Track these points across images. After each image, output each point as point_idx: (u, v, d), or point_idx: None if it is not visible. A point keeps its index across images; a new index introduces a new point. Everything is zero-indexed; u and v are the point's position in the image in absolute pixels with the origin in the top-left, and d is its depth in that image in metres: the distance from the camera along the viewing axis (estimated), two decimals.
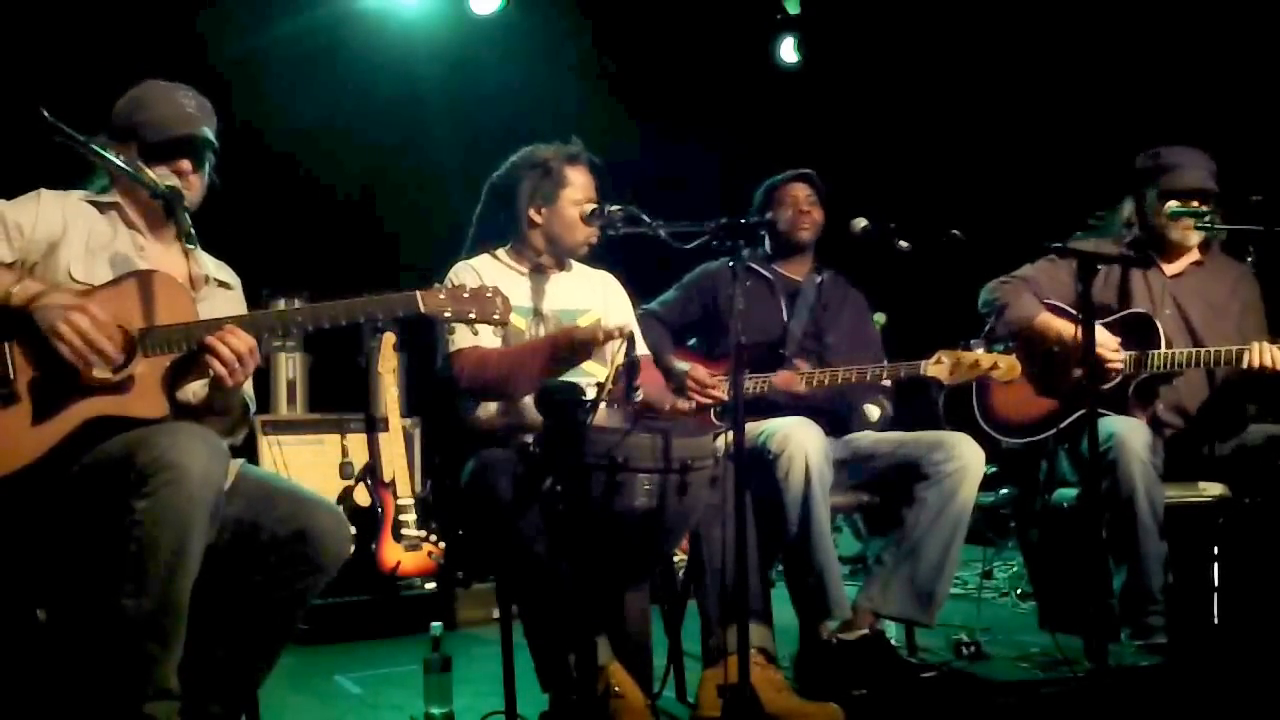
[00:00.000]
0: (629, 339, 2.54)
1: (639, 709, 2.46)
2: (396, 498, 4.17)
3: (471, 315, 2.37)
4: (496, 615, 2.88)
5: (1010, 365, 3.05)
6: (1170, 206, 3.31)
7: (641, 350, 2.86)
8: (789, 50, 6.02)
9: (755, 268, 3.46)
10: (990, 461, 3.16)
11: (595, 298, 3.06)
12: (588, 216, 2.86)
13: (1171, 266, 3.43)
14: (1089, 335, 2.61)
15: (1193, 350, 3.19)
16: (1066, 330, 3.30)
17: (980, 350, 3.19)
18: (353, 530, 2.47)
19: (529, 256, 2.96)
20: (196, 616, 2.03)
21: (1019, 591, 4.44)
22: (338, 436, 4.57)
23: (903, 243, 2.85)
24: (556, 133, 2.97)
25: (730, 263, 2.41)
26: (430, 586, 4.16)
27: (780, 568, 3.19)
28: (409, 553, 4.11)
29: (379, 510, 4.15)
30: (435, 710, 2.71)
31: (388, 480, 4.20)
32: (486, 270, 2.88)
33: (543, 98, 5.07)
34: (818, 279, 3.51)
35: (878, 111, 5.85)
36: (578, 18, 5.47)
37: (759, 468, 2.96)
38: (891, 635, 3.19)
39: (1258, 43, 4.72)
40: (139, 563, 1.94)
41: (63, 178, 2.35)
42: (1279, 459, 3.10)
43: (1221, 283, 3.42)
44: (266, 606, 2.22)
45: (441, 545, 4.13)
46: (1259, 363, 3.06)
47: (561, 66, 5.34)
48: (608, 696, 2.45)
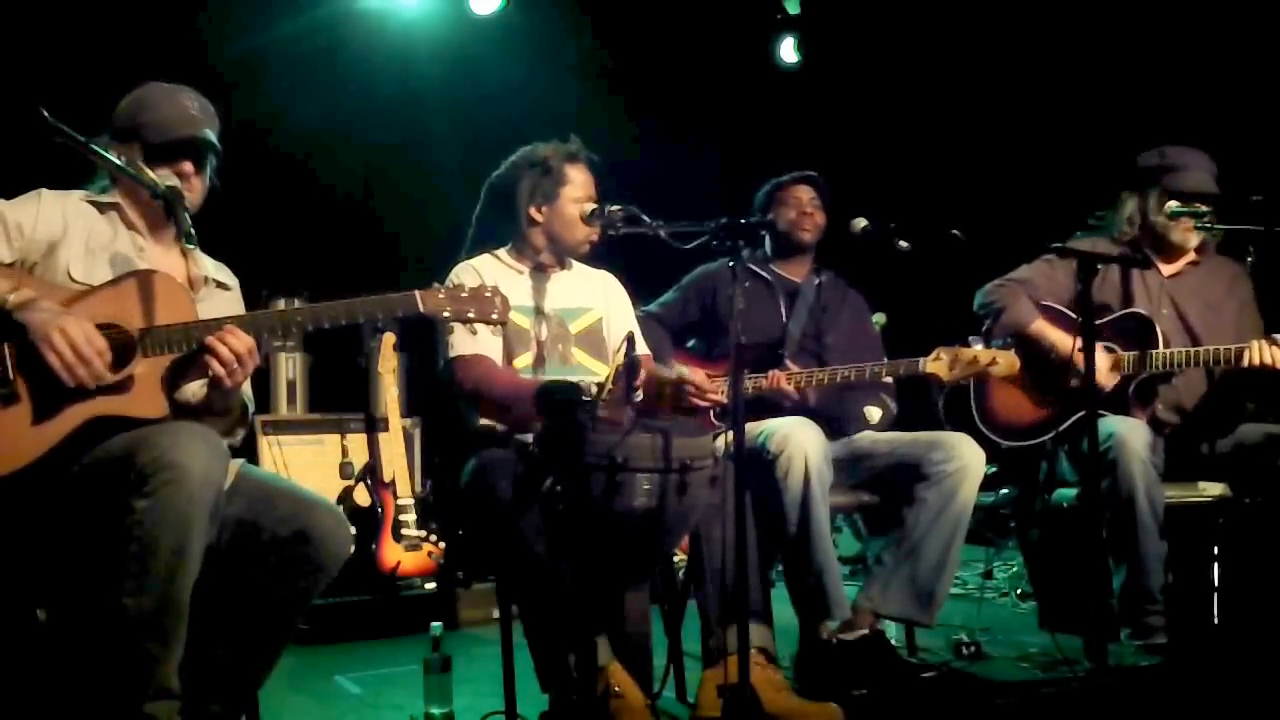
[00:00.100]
0: (629, 339, 2.54)
1: (639, 709, 2.46)
2: (396, 498, 4.17)
3: (470, 315, 2.37)
4: (496, 615, 2.88)
5: (1009, 361, 3.05)
6: (1171, 206, 3.31)
7: (642, 349, 2.86)
8: (789, 50, 6.02)
9: (754, 269, 3.46)
10: (990, 461, 3.16)
11: (596, 297, 3.06)
12: (588, 216, 2.87)
13: (1168, 267, 3.43)
14: (1089, 334, 2.61)
15: (1192, 349, 3.20)
16: (1061, 341, 3.31)
17: (979, 346, 3.18)
18: (353, 530, 2.47)
19: (530, 256, 2.97)
20: (197, 617, 2.03)
21: (1019, 591, 4.44)
22: (338, 436, 4.57)
23: (903, 243, 2.86)
24: (556, 132, 2.98)
25: (730, 263, 2.41)
26: (430, 586, 4.16)
27: (780, 568, 3.19)
28: (409, 553, 4.11)
29: (379, 510, 4.15)
30: (435, 710, 2.71)
31: (388, 480, 4.20)
32: (487, 270, 2.88)
33: (543, 98, 5.07)
34: (817, 280, 3.51)
35: (878, 111, 5.85)
36: (577, 17, 5.47)
37: (758, 468, 2.96)
38: (891, 635, 3.19)
39: (1258, 43, 4.72)
40: (139, 562, 1.94)
41: (63, 178, 2.35)
42: (1278, 458, 3.10)
43: (1218, 282, 3.43)
44: (267, 607, 2.23)
45: (441, 545, 4.14)
46: (1258, 361, 3.07)
47: (561, 66, 5.34)
48: (608, 696, 2.44)
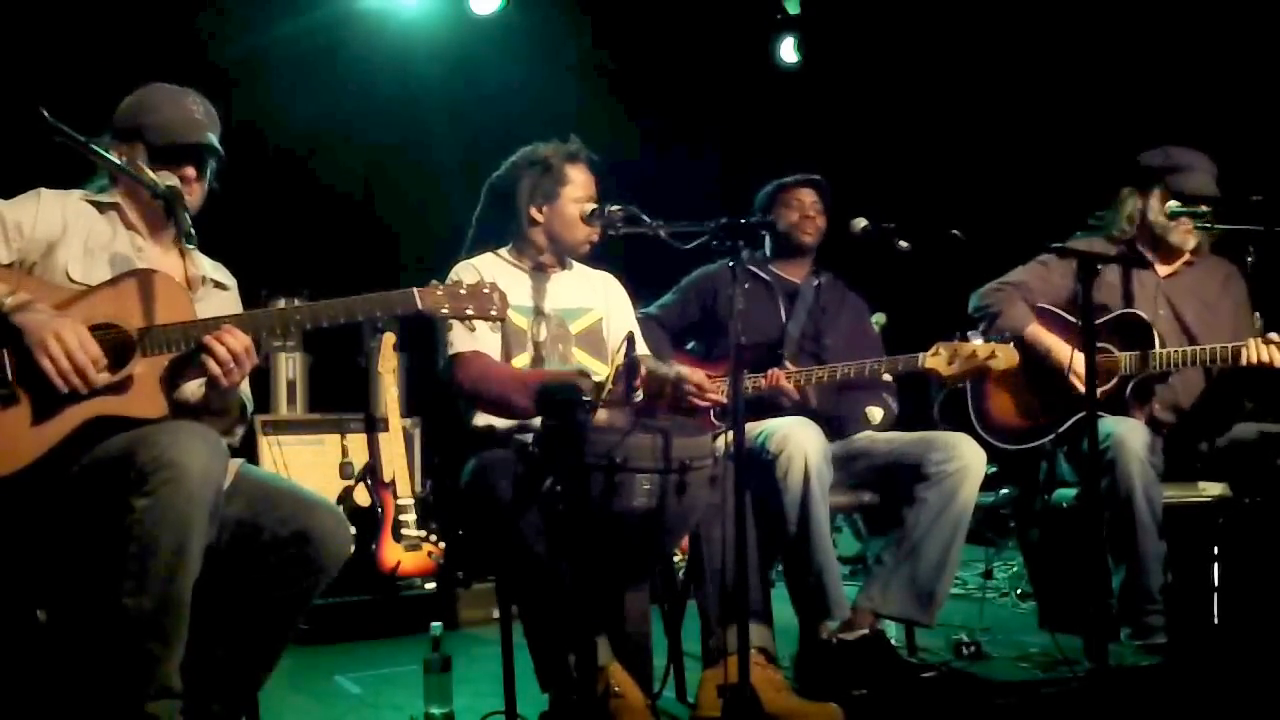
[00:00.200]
0: (629, 339, 2.54)
1: (639, 709, 2.45)
2: (396, 498, 4.17)
3: (469, 311, 2.36)
4: (496, 615, 2.88)
5: (1008, 354, 3.04)
6: (1171, 206, 3.30)
7: (642, 350, 2.86)
8: (789, 50, 6.02)
9: (754, 270, 3.46)
10: (990, 461, 3.16)
11: (596, 297, 3.06)
12: (588, 216, 2.86)
13: (1164, 267, 3.43)
14: (1089, 334, 2.61)
15: (1190, 349, 3.19)
16: (1056, 347, 3.31)
17: (978, 341, 3.18)
18: (353, 530, 2.47)
19: (530, 255, 2.97)
20: (197, 617, 2.03)
21: (1019, 591, 4.44)
22: (338, 436, 4.57)
23: (902, 243, 2.86)
24: (556, 133, 2.97)
25: (730, 263, 2.41)
26: (430, 586, 4.15)
27: (780, 568, 3.19)
28: (409, 553, 4.11)
29: (379, 510, 4.15)
30: (435, 710, 2.71)
31: (388, 480, 4.20)
32: (487, 268, 2.88)
33: (543, 98, 5.07)
34: (816, 281, 3.51)
35: (878, 111, 5.85)
36: (577, 17, 5.47)
37: (758, 468, 2.96)
38: (891, 635, 3.19)
39: (1257, 43, 4.72)
40: (139, 561, 1.94)
41: (62, 177, 2.35)
42: (1273, 456, 3.10)
43: (1213, 281, 3.43)
44: (267, 607, 2.22)
45: (441, 545, 4.13)
46: (1255, 359, 3.07)
47: (561, 66, 5.34)
48: (608, 696, 2.44)
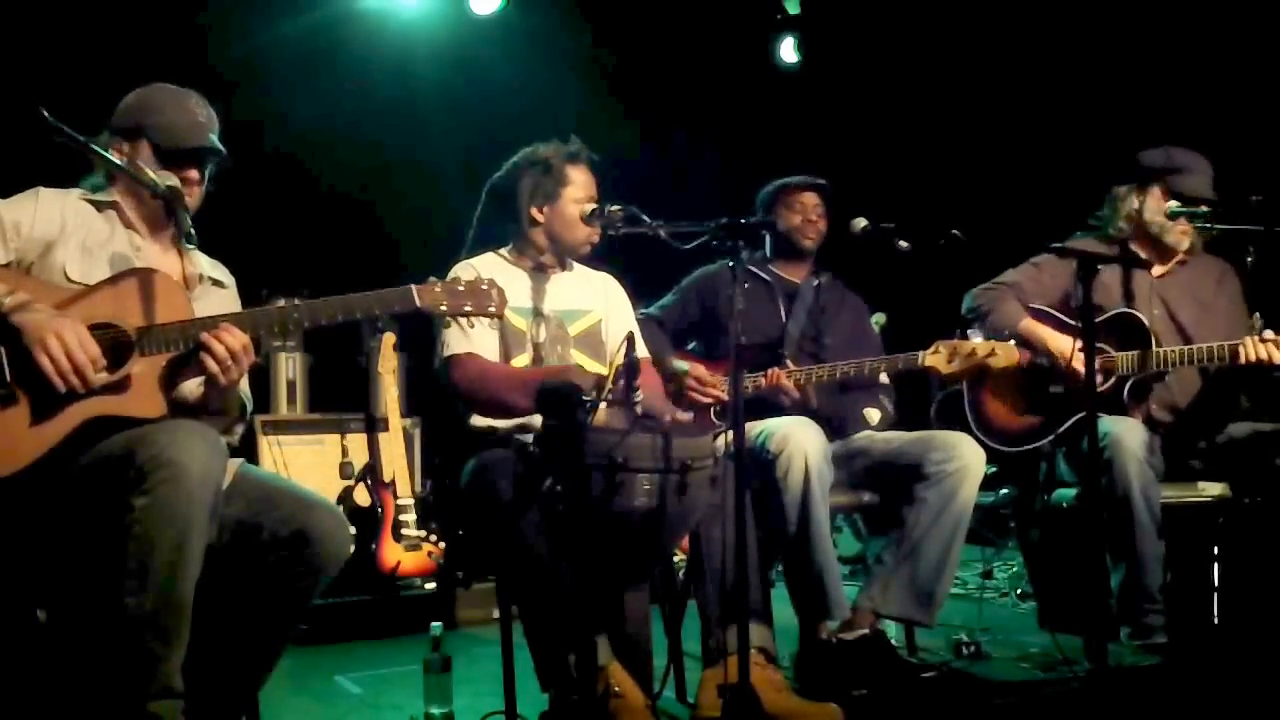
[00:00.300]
0: (629, 339, 2.54)
1: (639, 709, 2.45)
2: (396, 498, 4.17)
3: (467, 308, 2.36)
4: (496, 615, 2.88)
5: (1008, 352, 3.04)
6: (1171, 206, 3.30)
7: (641, 352, 2.85)
8: (789, 50, 6.02)
9: (754, 270, 3.46)
10: (990, 461, 3.16)
11: (596, 299, 3.06)
12: (588, 216, 2.86)
13: (1158, 267, 3.43)
14: (1089, 334, 2.60)
15: (1189, 348, 3.19)
16: (1053, 338, 3.30)
17: (978, 339, 3.18)
18: (353, 530, 2.47)
19: (530, 256, 2.96)
20: (197, 617, 2.02)
21: (1019, 591, 4.44)
22: (338, 436, 4.57)
23: (902, 243, 2.86)
24: (556, 133, 2.97)
25: (730, 263, 2.41)
26: (430, 586, 4.15)
27: (780, 568, 3.19)
28: (409, 553, 4.11)
29: (379, 510, 4.15)
30: (435, 710, 2.71)
31: (388, 480, 4.20)
32: (487, 268, 2.88)
33: (543, 98, 5.07)
34: (816, 281, 3.51)
35: (878, 111, 5.85)
36: (578, 17, 5.47)
37: (758, 467, 2.96)
38: (891, 635, 3.19)
39: (1257, 43, 4.72)
40: (140, 561, 1.94)
41: (55, 176, 2.34)
42: (1271, 456, 3.10)
43: (1207, 279, 3.43)
44: (267, 607, 2.22)
45: (441, 545, 4.13)
46: (1254, 357, 3.07)
47: (561, 66, 5.34)
48: (608, 696, 2.44)
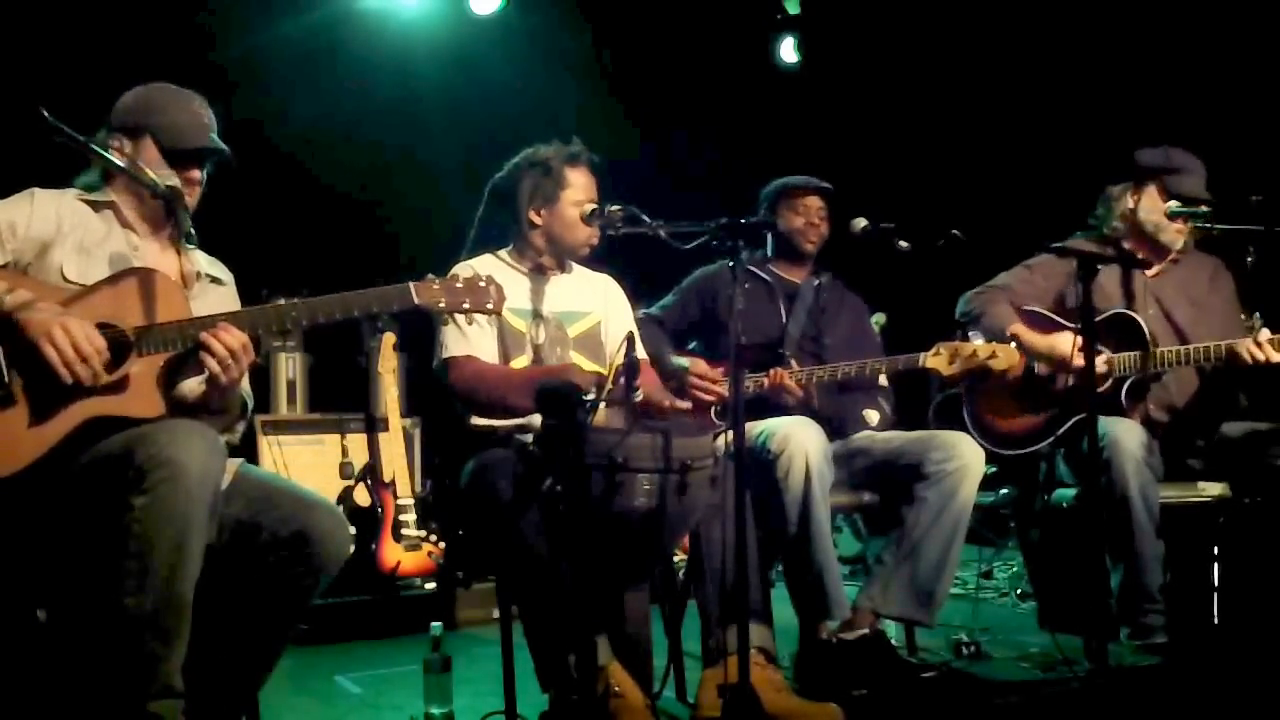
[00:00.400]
0: (629, 339, 2.54)
1: (639, 709, 2.45)
2: (396, 498, 4.17)
3: (465, 305, 2.35)
4: (496, 615, 2.88)
5: (1009, 354, 3.04)
6: (1171, 206, 3.30)
7: (640, 354, 2.85)
8: (789, 50, 6.02)
9: (754, 270, 3.46)
10: (990, 461, 3.16)
11: (596, 301, 3.06)
12: (588, 217, 2.86)
13: (1152, 266, 3.43)
14: (1089, 334, 2.60)
15: (1186, 348, 3.19)
16: (1041, 342, 3.29)
17: (979, 341, 3.17)
18: (352, 530, 2.47)
19: (530, 257, 2.97)
20: (197, 617, 2.02)
21: (1019, 591, 4.44)
22: (338, 436, 4.57)
23: (902, 243, 2.86)
24: (556, 133, 2.97)
25: (730, 263, 2.41)
26: (430, 586, 4.15)
27: (780, 568, 3.19)
28: (409, 553, 4.11)
29: (379, 510, 4.15)
30: (435, 710, 2.71)
31: (388, 480, 4.20)
32: (487, 269, 2.86)
33: (543, 98, 5.07)
34: (816, 281, 3.51)
35: (877, 111, 5.85)
36: (578, 18, 5.47)
37: (759, 467, 2.96)
38: (891, 635, 3.19)
39: (1257, 43, 4.72)
40: (139, 560, 1.94)
41: (49, 175, 2.33)
42: (1264, 455, 3.09)
43: (1200, 277, 3.43)
44: (266, 607, 2.22)
45: (441, 545, 4.13)
46: (1249, 360, 3.06)
47: (561, 66, 5.34)
48: (608, 696, 2.44)
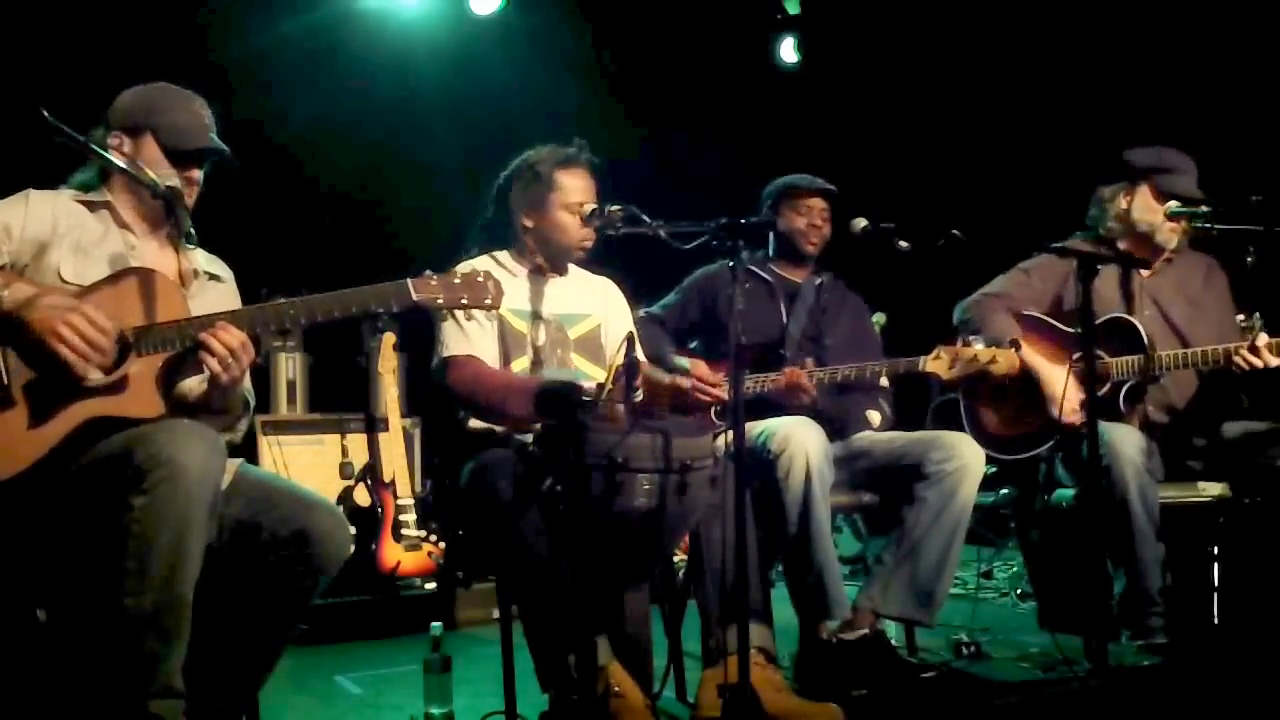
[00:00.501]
0: (629, 339, 2.54)
1: (639, 709, 2.45)
2: (396, 498, 4.17)
3: (464, 301, 2.35)
4: (496, 615, 2.88)
5: (1008, 359, 3.04)
6: (1171, 206, 3.30)
7: (640, 354, 2.85)
8: (789, 50, 6.03)
9: (754, 269, 3.46)
10: (990, 462, 3.16)
11: (596, 303, 3.05)
12: (587, 217, 2.86)
13: (1150, 266, 3.42)
14: (1088, 334, 2.60)
15: (1185, 351, 3.18)
16: (1041, 369, 3.27)
17: (979, 345, 3.18)
18: (352, 530, 2.47)
19: (529, 259, 2.97)
20: (197, 617, 2.02)
21: (1019, 591, 4.44)
22: (338, 436, 4.57)
23: (902, 243, 2.86)
24: (556, 133, 2.96)
25: (730, 263, 2.41)
26: (430, 586, 4.15)
27: (780, 568, 3.19)
28: (409, 553, 4.11)
29: (379, 510, 4.15)
30: (435, 710, 2.71)
31: (388, 480, 4.20)
32: (487, 269, 2.87)
33: (543, 98, 5.07)
34: (817, 281, 3.50)
35: (877, 111, 5.85)
36: (578, 18, 5.47)
37: (759, 467, 2.96)
38: (891, 635, 3.19)
39: (1257, 43, 4.72)
40: (139, 560, 1.94)
41: (43, 174, 2.34)
42: (1267, 455, 3.09)
43: (1195, 276, 3.43)
44: (266, 607, 2.22)
45: (441, 545, 4.13)
46: (1245, 365, 3.06)
47: (561, 66, 5.34)
48: (608, 696, 2.44)
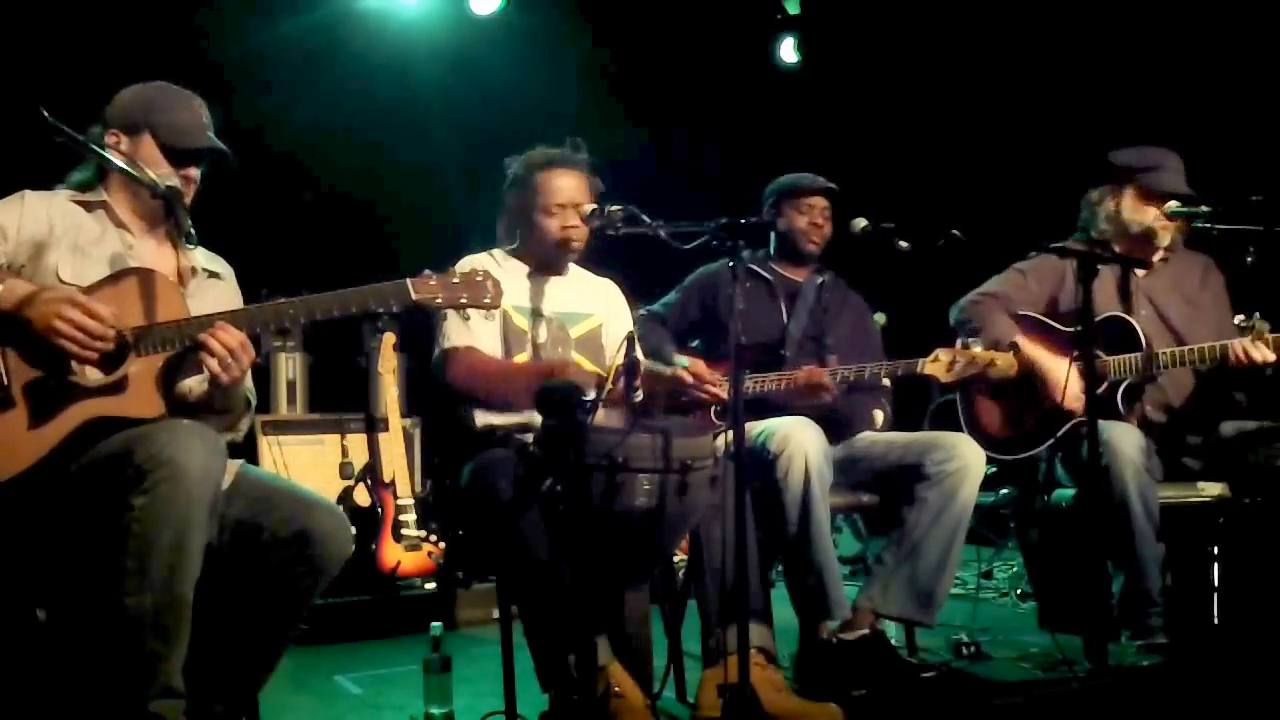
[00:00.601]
0: (629, 339, 2.54)
1: (639, 709, 2.45)
2: (396, 498, 4.17)
3: (463, 300, 2.35)
4: (496, 615, 2.88)
5: (1008, 361, 3.05)
6: (1171, 206, 3.30)
7: (639, 354, 2.85)
8: (789, 50, 6.03)
9: (755, 268, 3.46)
10: (990, 462, 3.16)
11: (598, 303, 3.06)
12: (587, 216, 2.86)
13: (1147, 266, 3.42)
14: (1088, 333, 2.60)
15: (1181, 350, 3.18)
16: (1041, 360, 3.28)
17: (978, 347, 3.18)
18: (353, 530, 2.47)
19: (527, 258, 2.97)
20: (197, 617, 2.03)
21: (1019, 591, 4.44)
22: (338, 436, 4.58)
23: (902, 243, 2.86)
24: (556, 133, 2.97)
25: (730, 263, 2.41)
26: (430, 586, 4.15)
27: (780, 568, 3.19)
28: (409, 553, 4.11)
29: (379, 510, 4.15)
30: (435, 710, 2.71)
31: (388, 480, 4.20)
32: (487, 267, 2.87)
33: (543, 98, 5.07)
34: (818, 281, 3.50)
35: (877, 111, 5.85)
36: (578, 18, 5.47)
37: (759, 467, 2.96)
38: (891, 635, 3.19)
39: (1256, 43, 4.72)
40: (139, 560, 1.94)
41: (39, 174, 2.34)
42: (1263, 455, 3.09)
43: (1191, 275, 3.43)
44: (267, 607, 2.23)
45: (441, 545, 4.13)
46: (1243, 360, 3.06)
47: (561, 66, 5.34)
48: (608, 696, 2.44)
